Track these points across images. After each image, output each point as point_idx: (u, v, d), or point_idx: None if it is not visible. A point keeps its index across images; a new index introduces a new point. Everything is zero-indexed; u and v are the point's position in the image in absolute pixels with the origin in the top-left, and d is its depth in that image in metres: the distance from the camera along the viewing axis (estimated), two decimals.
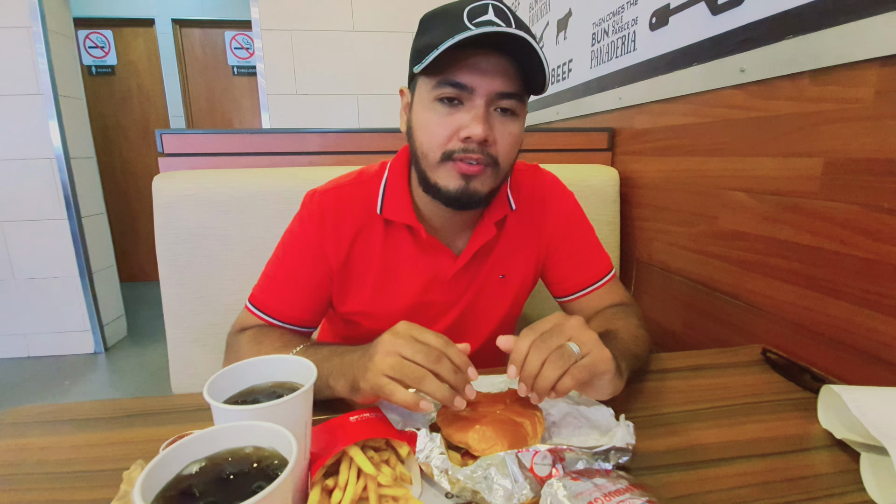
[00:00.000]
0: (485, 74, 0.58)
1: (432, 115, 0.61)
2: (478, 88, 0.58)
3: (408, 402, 0.47)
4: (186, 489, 0.29)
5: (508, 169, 0.66)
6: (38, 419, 0.58)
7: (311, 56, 2.51)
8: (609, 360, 0.49)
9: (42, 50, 2.32)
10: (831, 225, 0.68)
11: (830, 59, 0.66)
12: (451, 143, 0.60)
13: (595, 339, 0.49)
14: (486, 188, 0.63)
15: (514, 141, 0.63)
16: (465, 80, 0.58)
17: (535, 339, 0.48)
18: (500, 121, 0.61)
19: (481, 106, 0.59)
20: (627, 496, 0.34)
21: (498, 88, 0.58)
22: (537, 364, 0.47)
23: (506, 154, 0.63)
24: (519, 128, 0.63)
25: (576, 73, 1.51)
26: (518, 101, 0.61)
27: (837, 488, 0.44)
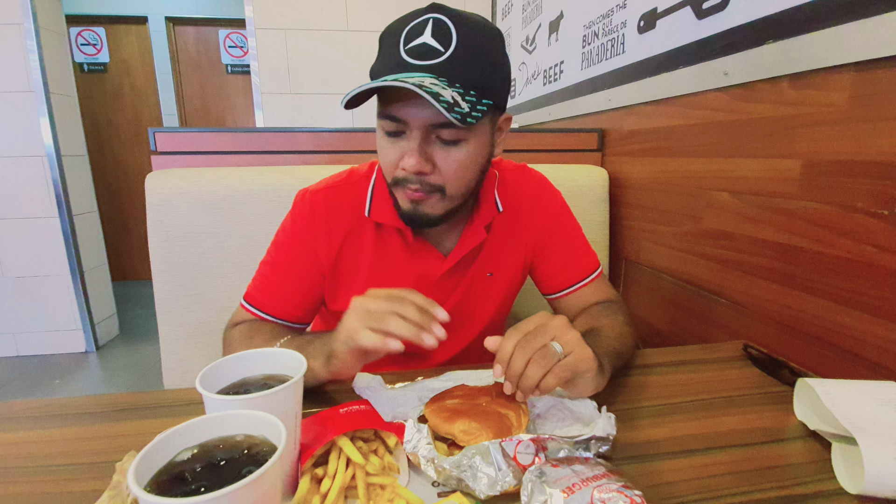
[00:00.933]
0: (417, 107, 0.57)
1: (382, 141, 0.63)
2: (411, 122, 0.58)
3: (375, 343, 0.49)
4: (178, 474, 0.30)
5: (464, 191, 0.65)
6: (28, 414, 0.58)
7: (306, 55, 2.51)
8: (591, 358, 0.50)
9: (34, 47, 2.30)
10: (809, 225, 0.70)
11: (808, 63, 0.68)
12: (396, 171, 0.62)
13: (577, 338, 0.51)
14: (437, 211, 0.64)
15: (461, 168, 0.61)
16: (398, 113, 0.58)
17: (519, 339, 0.49)
18: (442, 149, 0.60)
19: (416, 137, 0.59)
20: (604, 481, 0.36)
21: (430, 120, 0.58)
22: (522, 363, 0.48)
23: (453, 181, 0.62)
24: (467, 153, 0.61)
25: (567, 75, 1.53)
26: (460, 129, 0.58)
27: (809, 476, 0.46)
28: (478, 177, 0.66)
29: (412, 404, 0.55)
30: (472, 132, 0.61)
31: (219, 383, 0.43)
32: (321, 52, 2.52)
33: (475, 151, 0.62)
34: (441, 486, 0.44)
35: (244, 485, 0.27)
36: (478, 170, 0.65)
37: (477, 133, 0.62)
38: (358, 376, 0.61)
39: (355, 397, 0.58)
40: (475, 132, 0.61)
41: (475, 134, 0.61)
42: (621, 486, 0.35)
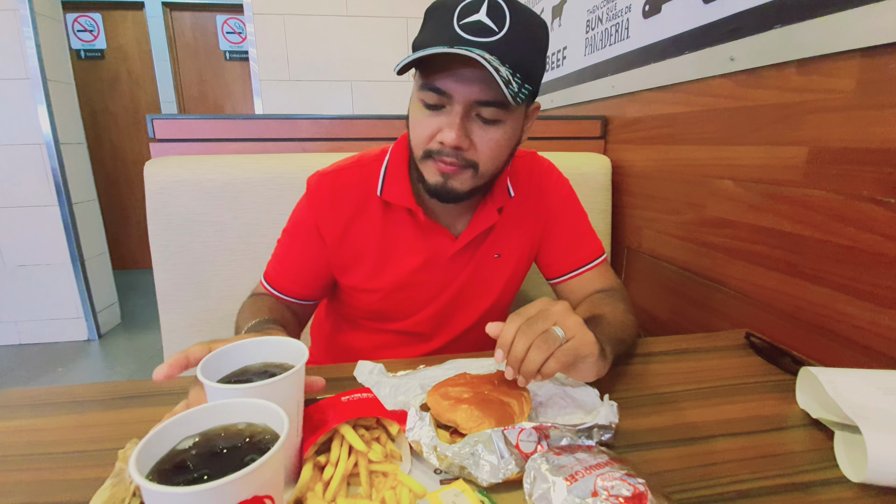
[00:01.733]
0: (464, 82, 0.58)
1: (418, 114, 0.63)
2: (455, 95, 0.59)
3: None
4: (180, 463, 0.30)
5: (494, 171, 0.66)
6: (29, 402, 0.58)
7: (305, 41, 2.48)
8: (592, 343, 0.50)
9: (30, 33, 2.27)
10: (813, 213, 0.69)
11: (814, 49, 0.67)
12: (430, 144, 0.63)
13: (579, 322, 0.50)
14: (465, 187, 0.65)
15: (497, 147, 0.63)
16: (444, 86, 0.59)
17: (521, 324, 0.49)
18: (481, 127, 0.61)
19: (458, 113, 0.59)
20: (607, 469, 0.36)
21: (475, 97, 0.58)
22: (523, 348, 0.48)
23: (488, 159, 0.63)
24: (503, 134, 0.62)
25: (570, 61, 1.51)
26: (500, 109, 0.60)
27: (811, 465, 0.46)
28: (507, 160, 0.67)
29: (414, 392, 0.55)
30: (510, 114, 0.62)
31: (220, 372, 0.43)
32: (321, 37, 2.49)
33: (510, 134, 0.64)
34: (443, 474, 0.44)
35: (247, 473, 0.27)
36: (509, 152, 0.66)
37: (513, 116, 0.63)
38: (359, 364, 0.61)
39: (357, 385, 0.58)
40: (512, 115, 0.62)
41: (512, 117, 0.62)
42: (624, 475, 0.35)
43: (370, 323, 0.80)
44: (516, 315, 0.51)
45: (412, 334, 0.80)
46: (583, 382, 0.56)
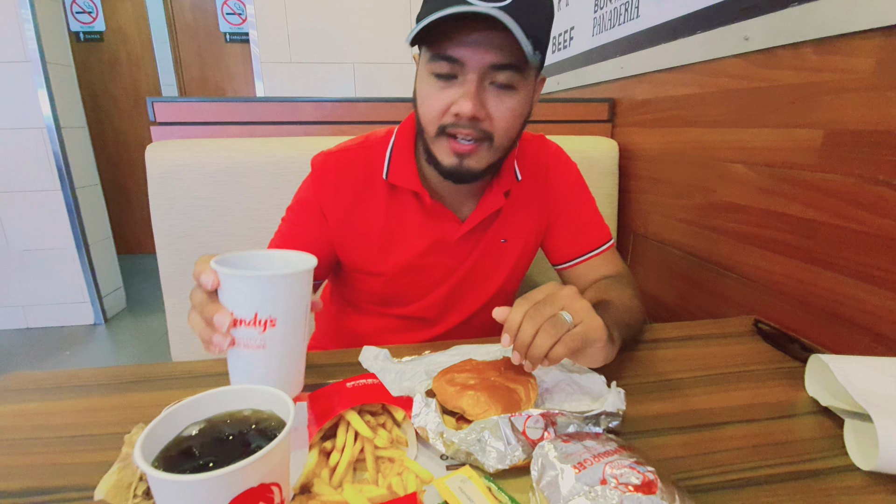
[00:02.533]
0: (477, 47, 0.56)
1: (428, 88, 0.61)
2: (469, 62, 0.57)
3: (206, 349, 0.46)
4: (186, 449, 0.30)
5: (508, 144, 0.65)
6: (37, 385, 0.58)
7: (306, 22, 2.43)
8: (600, 328, 0.50)
9: (28, 15, 2.24)
10: (827, 197, 0.68)
11: (833, 27, 0.65)
12: (444, 118, 0.61)
13: (587, 307, 0.50)
14: (481, 165, 0.63)
15: (512, 116, 0.61)
16: (456, 53, 0.57)
17: (528, 308, 0.48)
18: (496, 95, 0.60)
19: (473, 81, 0.58)
20: (616, 457, 0.35)
21: (490, 61, 0.57)
22: (530, 333, 0.47)
23: (503, 129, 0.62)
24: (518, 102, 0.61)
25: (577, 42, 1.48)
26: (516, 73, 0.58)
27: (820, 452, 0.46)
28: (519, 132, 0.66)
29: (419, 378, 0.55)
30: (523, 81, 0.60)
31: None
32: (322, 19, 2.44)
33: (523, 103, 0.62)
34: (450, 460, 0.44)
35: (254, 461, 0.27)
36: (521, 124, 0.65)
37: (526, 83, 0.61)
38: (364, 350, 0.61)
39: (362, 371, 0.58)
40: (525, 82, 0.61)
41: (524, 84, 0.61)
42: (633, 462, 0.35)
43: (375, 307, 0.80)
44: (523, 300, 0.50)
45: (417, 319, 0.80)
46: (589, 369, 0.56)
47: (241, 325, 0.42)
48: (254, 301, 0.42)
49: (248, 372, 0.45)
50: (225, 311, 0.43)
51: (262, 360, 0.44)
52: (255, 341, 0.43)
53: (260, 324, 0.42)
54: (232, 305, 0.43)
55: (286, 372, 0.46)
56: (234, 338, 0.43)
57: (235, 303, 0.42)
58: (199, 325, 0.45)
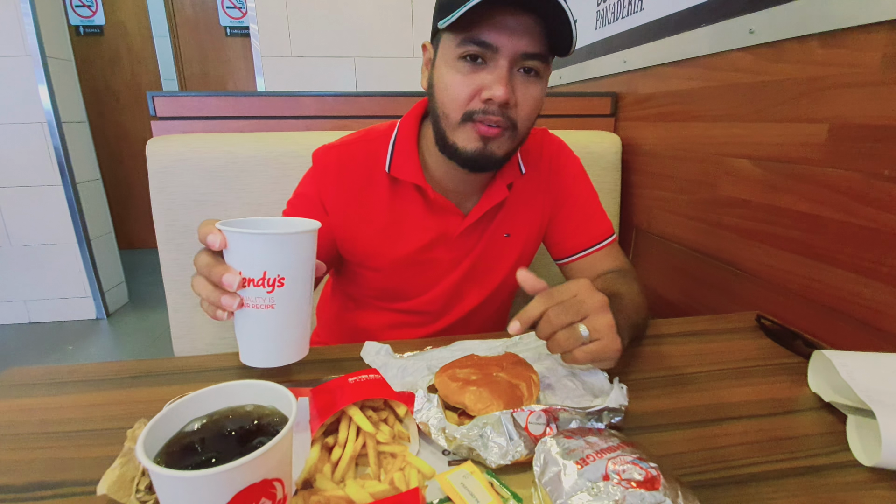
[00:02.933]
0: (511, 33, 0.56)
1: (455, 73, 0.60)
2: (502, 48, 0.56)
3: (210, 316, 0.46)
4: (188, 445, 0.30)
5: (526, 133, 0.65)
6: (41, 380, 0.58)
7: (307, 16, 2.42)
8: (617, 350, 0.49)
9: (27, 9, 2.23)
10: (832, 192, 0.67)
11: (840, 21, 0.64)
12: (472, 104, 0.60)
13: (610, 326, 0.48)
14: (502, 151, 0.63)
15: (535, 104, 0.62)
16: (490, 38, 0.56)
17: (549, 306, 0.48)
18: (523, 82, 0.59)
19: (504, 66, 0.57)
20: (619, 453, 0.35)
21: (523, 49, 0.56)
22: (545, 335, 0.48)
23: (525, 117, 0.62)
24: (541, 91, 0.61)
25: (580, 35, 1.46)
26: (542, 63, 0.59)
27: (823, 448, 0.46)
28: (535, 121, 0.66)
29: (421, 373, 0.55)
30: (547, 70, 0.61)
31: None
32: (324, 13, 2.43)
33: (544, 91, 0.62)
34: (452, 455, 0.44)
35: (256, 457, 0.27)
36: (538, 112, 0.64)
37: (546, 74, 0.62)
38: (366, 345, 0.61)
39: (364, 366, 0.57)
40: (546, 72, 0.61)
41: (546, 73, 0.61)
42: (636, 458, 0.35)
43: (377, 302, 0.80)
44: (547, 296, 0.49)
45: (420, 313, 0.79)
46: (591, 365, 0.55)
47: (250, 284, 0.42)
48: (263, 260, 0.42)
49: (257, 332, 0.44)
50: (233, 270, 0.43)
51: (271, 320, 0.44)
52: (264, 301, 0.43)
53: (269, 283, 0.42)
54: (240, 265, 0.42)
55: (294, 333, 0.46)
56: (243, 298, 0.43)
57: (244, 262, 0.42)
58: (206, 288, 0.44)
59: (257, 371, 0.60)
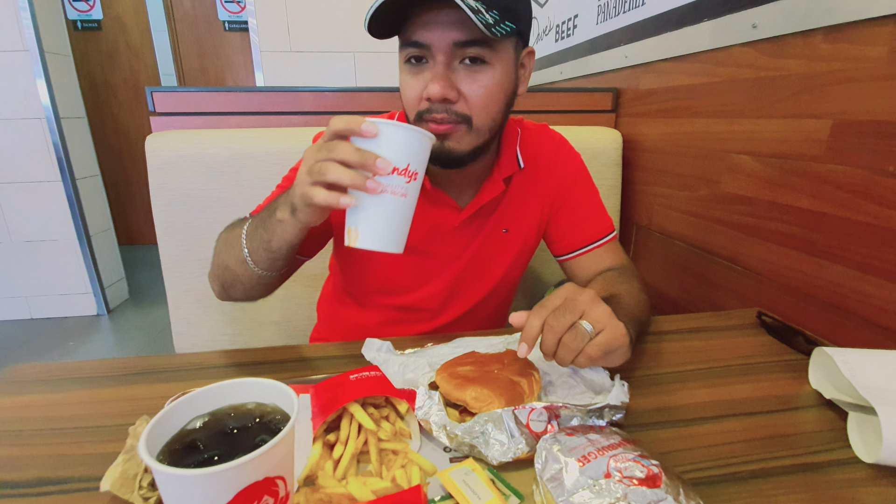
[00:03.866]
0: (440, 28, 0.56)
1: (404, 76, 0.62)
2: (433, 43, 0.57)
3: (328, 201, 0.48)
4: (191, 443, 0.30)
5: (491, 123, 0.63)
6: (42, 377, 0.58)
7: (306, 11, 2.41)
8: (623, 335, 0.49)
9: (25, 4, 2.21)
10: (835, 189, 0.67)
11: (845, 15, 0.64)
12: (421, 104, 0.60)
13: (608, 313, 0.49)
14: (463, 146, 0.62)
15: (487, 93, 0.59)
16: (420, 37, 0.57)
17: (546, 316, 0.48)
18: (468, 73, 0.58)
19: (442, 62, 0.57)
20: (620, 450, 0.35)
21: (453, 39, 0.56)
22: (552, 345, 0.47)
23: (480, 108, 0.60)
24: (493, 77, 0.59)
25: (581, 30, 1.46)
26: (485, 48, 0.57)
27: (824, 445, 0.46)
28: (503, 110, 0.64)
29: (422, 370, 0.55)
30: (497, 55, 0.59)
31: None
32: (322, 7, 2.41)
33: (501, 78, 0.60)
34: (453, 452, 0.44)
35: (258, 455, 0.27)
36: (503, 101, 0.63)
37: (501, 57, 0.60)
38: (367, 342, 0.61)
39: (365, 363, 0.58)
40: (500, 56, 0.60)
41: (499, 58, 0.60)
42: (637, 456, 0.35)
43: (376, 298, 0.80)
44: (541, 307, 0.49)
45: (419, 310, 0.79)
46: None
47: (395, 172, 0.47)
48: (408, 153, 0.48)
49: (387, 216, 0.49)
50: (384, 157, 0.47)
51: (402, 207, 0.49)
52: (400, 189, 0.48)
53: (408, 174, 0.48)
54: (389, 154, 0.47)
55: (408, 227, 0.51)
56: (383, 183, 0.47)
57: (394, 152, 0.47)
58: (346, 173, 0.47)
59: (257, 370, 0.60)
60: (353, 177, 0.46)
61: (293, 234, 0.56)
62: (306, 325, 1.06)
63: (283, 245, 0.58)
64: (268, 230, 0.58)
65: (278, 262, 0.61)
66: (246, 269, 0.62)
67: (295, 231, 0.56)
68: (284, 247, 0.58)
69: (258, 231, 0.59)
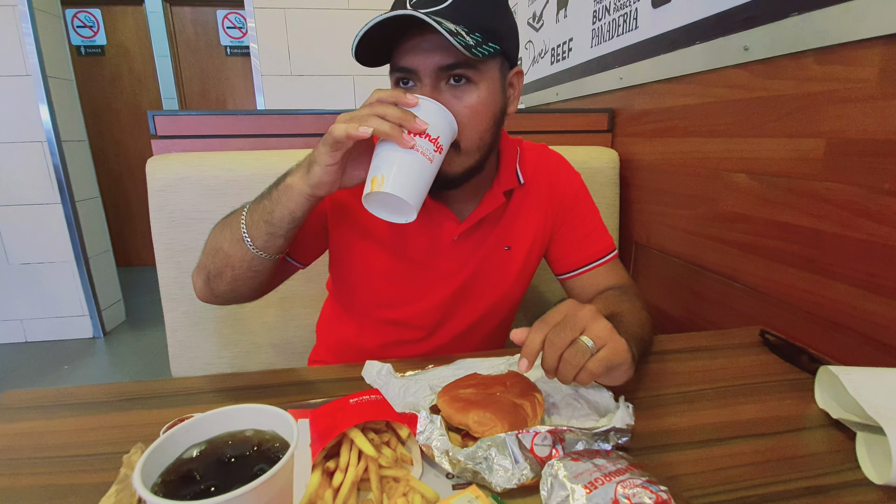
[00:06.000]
0: (423, 53, 0.58)
1: None
2: (419, 68, 0.59)
3: (347, 130, 0.51)
4: (187, 473, 0.29)
5: (479, 144, 0.63)
6: (35, 403, 0.57)
7: (306, 35, 2.46)
8: (625, 350, 0.48)
9: (29, 29, 2.26)
10: (832, 207, 0.68)
11: (835, 36, 0.65)
12: None
13: (609, 329, 0.48)
14: (454, 169, 0.62)
15: (473, 113, 0.60)
16: (407, 63, 0.59)
17: (547, 332, 0.47)
18: (453, 93, 0.60)
19: (427, 85, 0.59)
20: (628, 476, 0.35)
21: (437, 63, 0.58)
22: (553, 361, 0.47)
23: (467, 129, 0.60)
24: (478, 97, 0.60)
25: (576, 53, 1.49)
26: (469, 69, 0.58)
27: (832, 467, 0.45)
28: (492, 128, 0.64)
29: (423, 393, 0.54)
30: (482, 75, 0.60)
31: None
32: (322, 31, 2.46)
33: (487, 98, 0.61)
34: (456, 479, 0.43)
35: (257, 486, 0.26)
36: (491, 120, 0.63)
37: (486, 77, 0.61)
38: (367, 365, 0.60)
39: (365, 387, 0.57)
40: (485, 76, 0.61)
41: (485, 78, 0.61)
42: (645, 482, 0.34)
43: (372, 311, 0.78)
44: (541, 322, 0.48)
45: (416, 327, 0.78)
46: (597, 383, 0.55)
47: (427, 137, 0.53)
48: (440, 125, 0.55)
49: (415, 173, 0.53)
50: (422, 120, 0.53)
51: (427, 169, 0.54)
52: (428, 153, 0.54)
53: (436, 143, 0.54)
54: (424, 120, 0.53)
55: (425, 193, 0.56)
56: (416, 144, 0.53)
57: (430, 120, 0.53)
58: (385, 125, 0.51)
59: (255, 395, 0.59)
60: (391, 126, 0.51)
61: (299, 203, 0.57)
62: (305, 346, 1.05)
63: (286, 216, 0.58)
64: (272, 200, 0.59)
65: (277, 241, 0.60)
66: (240, 249, 0.61)
67: (302, 199, 0.57)
68: (287, 218, 0.58)
69: (261, 203, 0.60)
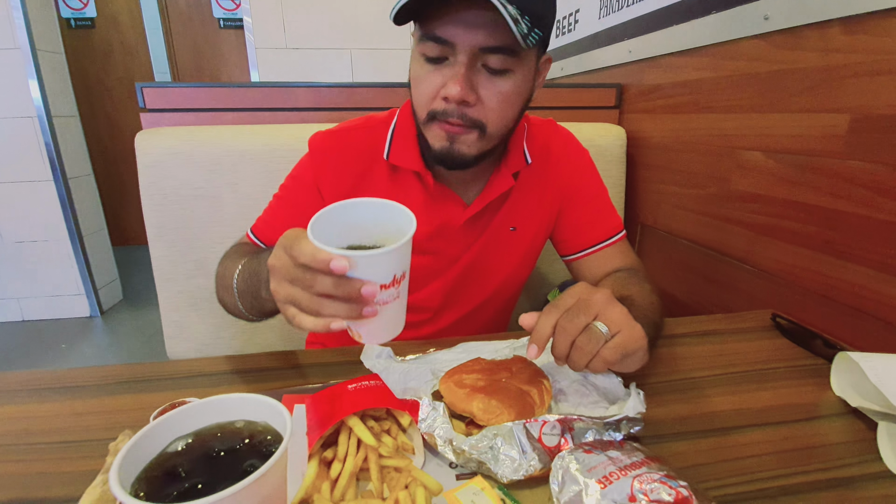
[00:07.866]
0: (467, 27, 0.53)
1: (419, 70, 0.58)
2: (459, 43, 0.54)
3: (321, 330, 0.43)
4: (171, 469, 0.27)
5: (503, 131, 0.61)
6: (24, 386, 0.55)
7: (302, 7, 2.37)
8: (642, 336, 0.45)
9: (17, 2, 2.17)
10: (854, 186, 0.64)
11: (863, 5, 0.61)
12: (434, 103, 0.58)
13: (625, 314, 0.45)
14: (472, 151, 0.60)
15: (505, 101, 0.58)
16: (445, 34, 0.54)
17: (558, 317, 0.44)
18: (488, 79, 0.56)
19: (463, 63, 0.54)
20: (644, 469, 0.32)
21: (480, 43, 0.53)
22: (564, 347, 0.44)
23: (496, 117, 0.58)
24: (513, 86, 0.57)
25: (582, 25, 1.43)
26: (509, 56, 0.55)
27: (853, 457, 0.43)
28: (517, 116, 0.62)
29: (425, 378, 0.52)
30: (520, 63, 0.57)
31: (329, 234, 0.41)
32: (318, 3, 2.38)
33: (520, 86, 0.58)
34: (460, 469, 0.41)
35: (247, 485, 0.24)
36: (519, 108, 0.61)
37: (524, 65, 0.57)
38: (366, 347, 0.58)
39: (364, 371, 0.54)
40: (522, 64, 0.57)
41: (522, 66, 0.57)
42: (664, 476, 0.32)
43: None
44: (553, 307, 0.46)
45: (419, 310, 0.76)
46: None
47: (382, 289, 0.42)
48: (396, 266, 0.42)
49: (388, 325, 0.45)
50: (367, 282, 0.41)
51: (397, 309, 0.45)
52: (392, 296, 0.43)
53: (397, 281, 0.43)
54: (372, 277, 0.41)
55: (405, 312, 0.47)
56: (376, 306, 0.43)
57: (377, 274, 0.41)
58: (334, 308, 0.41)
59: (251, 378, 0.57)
60: (347, 312, 0.41)
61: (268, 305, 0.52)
62: None
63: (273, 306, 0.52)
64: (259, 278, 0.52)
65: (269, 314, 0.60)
66: (239, 311, 0.61)
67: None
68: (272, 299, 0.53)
69: (250, 280, 0.55)
